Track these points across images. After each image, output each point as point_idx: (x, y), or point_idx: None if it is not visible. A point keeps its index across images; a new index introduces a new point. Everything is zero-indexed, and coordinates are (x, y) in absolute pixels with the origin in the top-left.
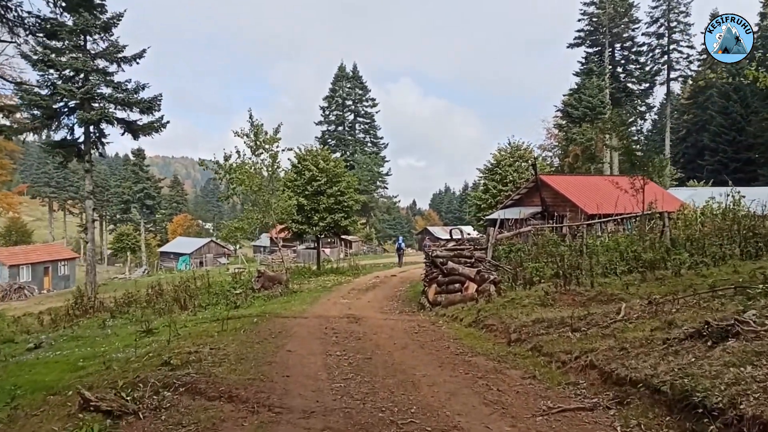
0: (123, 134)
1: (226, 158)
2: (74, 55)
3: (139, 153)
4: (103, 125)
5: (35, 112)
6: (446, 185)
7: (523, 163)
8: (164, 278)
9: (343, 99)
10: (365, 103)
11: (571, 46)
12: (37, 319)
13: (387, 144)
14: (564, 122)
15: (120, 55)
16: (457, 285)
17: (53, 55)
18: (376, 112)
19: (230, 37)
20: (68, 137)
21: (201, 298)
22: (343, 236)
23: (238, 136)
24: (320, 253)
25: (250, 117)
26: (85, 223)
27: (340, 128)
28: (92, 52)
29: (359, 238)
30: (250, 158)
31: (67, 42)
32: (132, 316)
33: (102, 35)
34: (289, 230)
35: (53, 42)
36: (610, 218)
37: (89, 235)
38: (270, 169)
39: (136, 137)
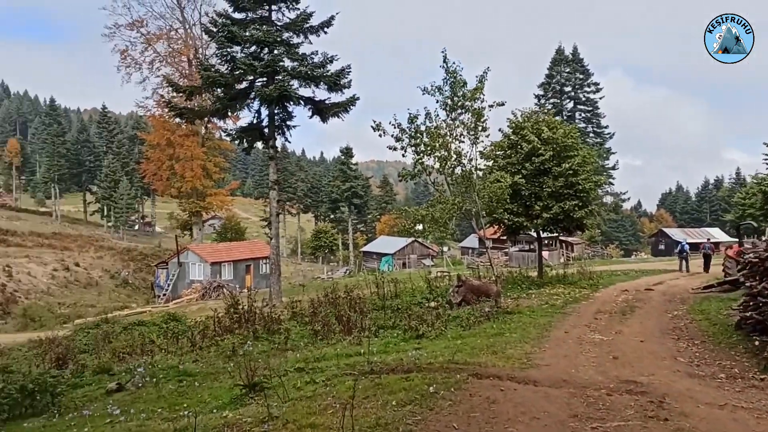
0: (311, 117)
1: (411, 119)
2: (257, 26)
3: (347, 151)
4: (289, 106)
5: (217, 91)
6: (678, 183)
7: None
8: (363, 280)
9: (561, 85)
10: (586, 89)
11: None
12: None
13: (612, 134)
14: None
15: (306, 25)
16: None
17: (235, 28)
18: (600, 98)
19: (417, 44)
20: (254, 121)
21: (375, 315)
22: (562, 238)
23: (428, 93)
24: (542, 256)
25: (444, 61)
26: (269, 216)
27: (557, 118)
28: (278, 23)
29: (582, 239)
30: (443, 120)
31: (250, 13)
32: (277, 340)
33: (288, 3)
34: (501, 224)
35: (236, 14)
36: None
37: (273, 229)
38: (473, 133)
39: (324, 119)
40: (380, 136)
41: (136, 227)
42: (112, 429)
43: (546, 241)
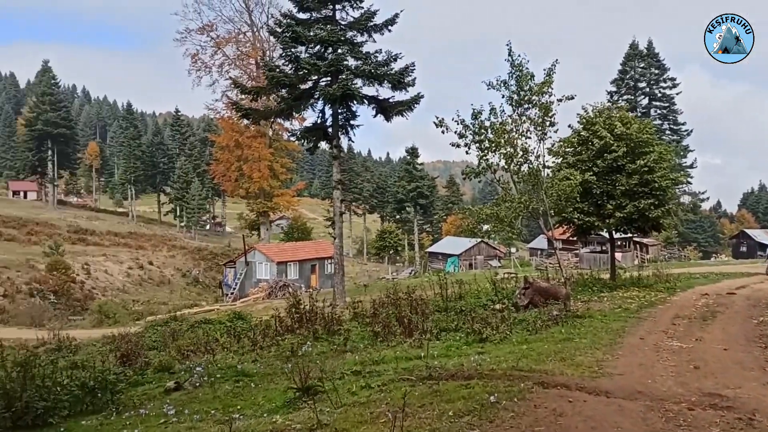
0: (375, 116)
1: (475, 115)
2: (321, 26)
3: (413, 152)
4: (353, 105)
5: (282, 92)
6: (761, 183)
7: None
8: (426, 281)
9: (635, 81)
10: (662, 84)
11: None
12: (227, 333)
13: (690, 131)
14: None
15: (370, 23)
16: None
17: (299, 28)
18: (677, 94)
19: (492, 41)
20: (318, 121)
21: (438, 317)
22: (636, 239)
23: (493, 88)
24: (614, 258)
25: (509, 53)
26: (332, 216)
27: (631, 114)
28: (342, 23)
29: (658, 240)
30: (509, 116)
31: (315, 13)
32: (337, 341)
33: (352, 2)
34: (570, 224)
35: (300, 14)
36: None
37: (337, 229)
38: (540, 129)
39: (388, 118)
40: (443, 132)
41: (207, 227)
42: (165, 430)
43: (619, 242)
